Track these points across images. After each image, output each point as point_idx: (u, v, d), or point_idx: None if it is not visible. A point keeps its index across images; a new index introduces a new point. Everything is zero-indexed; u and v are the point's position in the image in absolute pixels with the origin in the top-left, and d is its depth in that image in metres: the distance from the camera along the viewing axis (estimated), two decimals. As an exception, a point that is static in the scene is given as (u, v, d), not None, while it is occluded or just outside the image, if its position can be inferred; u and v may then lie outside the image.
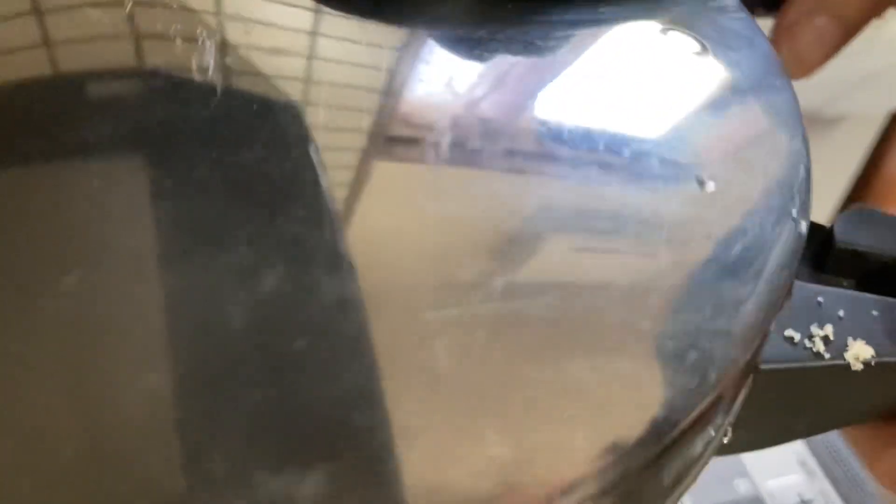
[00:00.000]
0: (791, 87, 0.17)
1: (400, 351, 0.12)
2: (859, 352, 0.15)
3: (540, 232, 0.13)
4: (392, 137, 0.15)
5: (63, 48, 0.15)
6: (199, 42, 0.15)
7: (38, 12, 0.15)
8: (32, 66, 0.14)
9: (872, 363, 0.15)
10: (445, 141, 0.14)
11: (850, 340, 0.15)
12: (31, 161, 0.13)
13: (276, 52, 0.16)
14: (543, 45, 0.17)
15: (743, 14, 0.19)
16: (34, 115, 0.13)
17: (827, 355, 0.15)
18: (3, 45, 0.14)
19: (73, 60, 0.15)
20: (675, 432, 0.11)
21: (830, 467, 0.47)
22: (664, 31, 0.18)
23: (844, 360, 0.15)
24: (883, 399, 0.16)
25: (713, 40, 0.18)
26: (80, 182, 0.13)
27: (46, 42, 0.15)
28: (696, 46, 0.17)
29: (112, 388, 0.11)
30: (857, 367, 0.15)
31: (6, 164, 0.13)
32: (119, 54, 0.15)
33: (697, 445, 0.13)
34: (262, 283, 0.12)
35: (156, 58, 0.15)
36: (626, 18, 0.18)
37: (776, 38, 0.23)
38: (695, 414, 0.12)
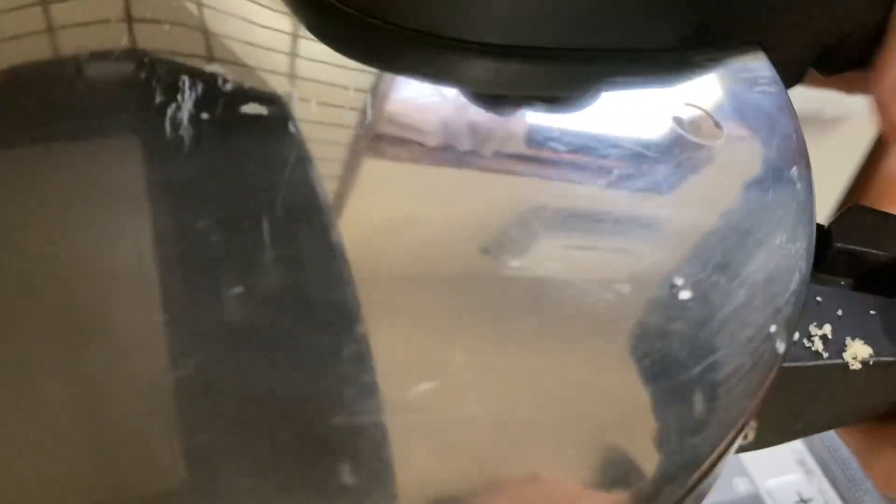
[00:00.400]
0: (808, 178, 0.16)
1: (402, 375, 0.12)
2: (858, 351, 0.15)
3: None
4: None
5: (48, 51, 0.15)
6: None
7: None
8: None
9: (871, 362, 0.15)
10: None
11: (848, 340, 0.15)
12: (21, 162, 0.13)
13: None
14: (549, 110, 0.16)
15: (774, 87, 0.18)
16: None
17: (825, 354, 0.15)
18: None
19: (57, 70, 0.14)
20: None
21: (829, 466, 0.47)
22: (678, 106, 0.16)
23: (843, 359, 0.15)
24: (881, 398, 0.16)
25: (732, 119, 0.16)
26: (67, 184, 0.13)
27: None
28: (710, 128, 0.16)
29: (111, 392, 0.11)
30: (856, 366, 0.15)
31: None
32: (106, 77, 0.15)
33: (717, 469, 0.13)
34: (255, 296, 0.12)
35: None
36: (645, 86, 0.17)
37: (885, 100, 0.22)
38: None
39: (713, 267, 0.14)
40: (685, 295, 0.13)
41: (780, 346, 0.13)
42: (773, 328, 0.13)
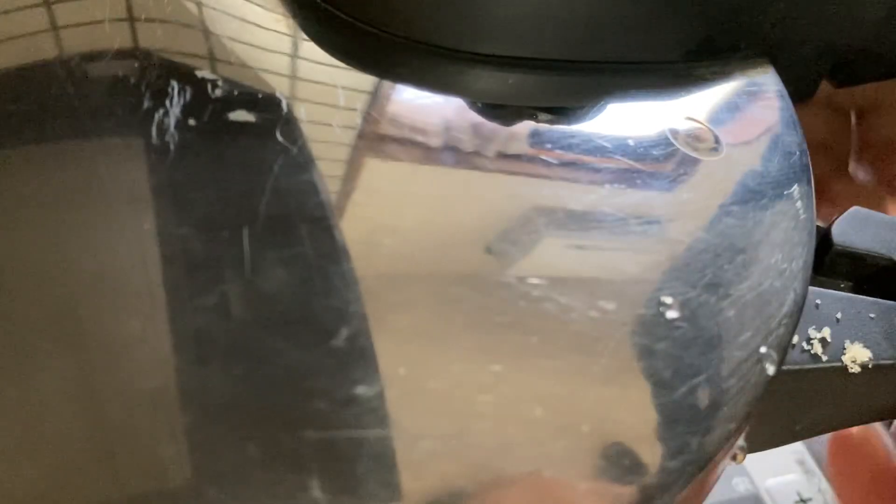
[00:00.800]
0: (809, 196, 0.16)
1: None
2: (857, 354, 0.15)
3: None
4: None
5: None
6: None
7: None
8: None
9: (870, 366, 0.15)
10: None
11: (847, 343, 0.15)
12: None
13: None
14: (549, 121, 0.16)
15: (780, 101, 0.17)
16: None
17: (824, 358, 0.15)
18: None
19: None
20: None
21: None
22: (677, 119, 0.16)
23: (842, 362, 0.15)
24: (880, 401, 0.16)
25: (732, 134, 0.16)
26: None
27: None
28: (708, 142, 0.16)
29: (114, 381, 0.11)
30: (855, 369, 0.15)
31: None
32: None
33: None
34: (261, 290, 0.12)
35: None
36: (646, 99, 0.17)
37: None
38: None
39: (706, 284, 0.13)
40: (672, 314, 0.13)
41: (769, 367, 0.13)
42: (762, 349, 0.13)
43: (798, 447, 0.49)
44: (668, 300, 0.13)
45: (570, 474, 0.11)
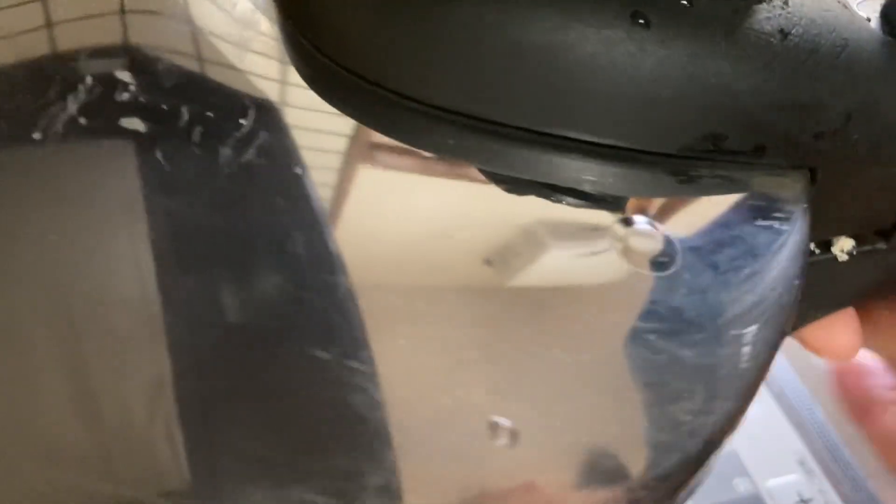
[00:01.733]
0: (768, 342, 0.13)
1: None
2: (843, 244, 0.17)
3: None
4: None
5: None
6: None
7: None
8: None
9: (854, 252, 0.17)
10: None
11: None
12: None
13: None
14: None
15: (782, 224, 0.14)
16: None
17: (817, 251, 0.17)
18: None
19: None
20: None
21: (829, 467, 0.48)
22: (635, 221, 0.14)
23: (831, 253, 0.17)
24: (860, 285, 0.18)
25: (701, 249, 0.13)
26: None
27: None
28: (661, 253, 0.13)
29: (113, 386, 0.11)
30: (843, 258, 0.17)
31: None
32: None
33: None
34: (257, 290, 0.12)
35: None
36: (627, 192, 0.14)
37: None
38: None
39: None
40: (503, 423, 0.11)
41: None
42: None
43: (799, 447, 0.49)
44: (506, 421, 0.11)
45: (584, 457, 0.11)
